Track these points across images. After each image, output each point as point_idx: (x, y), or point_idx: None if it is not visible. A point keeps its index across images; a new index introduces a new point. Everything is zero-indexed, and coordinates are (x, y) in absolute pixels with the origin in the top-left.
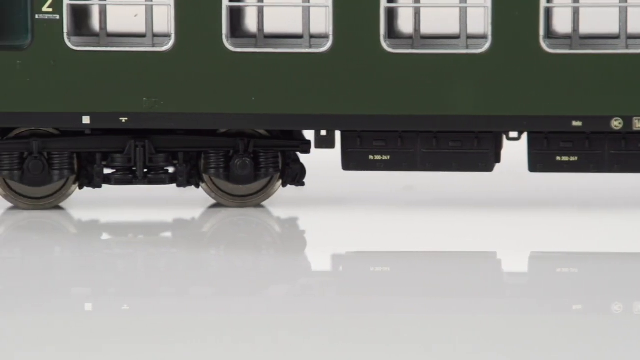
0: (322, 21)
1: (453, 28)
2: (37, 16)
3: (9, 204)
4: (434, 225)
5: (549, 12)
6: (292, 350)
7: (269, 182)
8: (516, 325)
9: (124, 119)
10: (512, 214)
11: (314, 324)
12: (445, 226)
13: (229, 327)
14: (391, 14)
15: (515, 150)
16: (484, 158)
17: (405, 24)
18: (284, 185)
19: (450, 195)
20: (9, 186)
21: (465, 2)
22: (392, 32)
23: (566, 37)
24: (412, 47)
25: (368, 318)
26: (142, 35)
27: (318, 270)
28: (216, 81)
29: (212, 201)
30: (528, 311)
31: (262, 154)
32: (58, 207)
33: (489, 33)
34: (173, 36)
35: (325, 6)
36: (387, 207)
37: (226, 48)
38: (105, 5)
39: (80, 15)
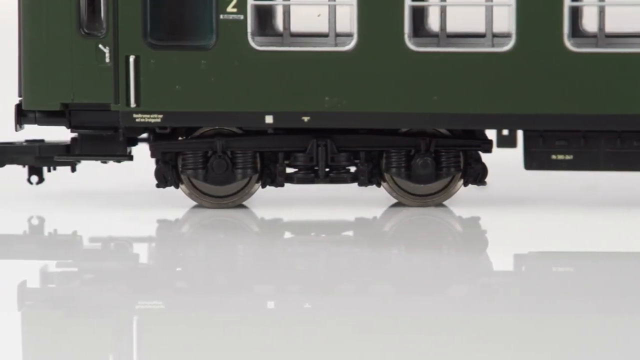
0: (505, 20)
1: (639, 26)
2: (221, 16)
3: (194, 203)
4: (617, 225)
5: None
6: (473, 350)
7: (450, 182)
8: None
9: (306, 119)
10: None
11: (495, 324)
12: (629, 226)
13: (409, 325)
14: (575, 13)
15: None
16: None
17: (589, 23)
18: (465, 184)
19: (634, 196)
20: (193, 185)
21: None
22: (576, 31)
23: None
24: (596, 46)
25: (551, 319)
26: (325, 35)
27: (500, 270)
28: (398, 80)
29: (393, 200)
30: None
31: (443, 153)
32: (241, 206)
33: None
34: (355, 36)
35: (508, 5)
36: (570, 207)
37: (408, 47)
38: (289, 5)
39: (264, 15)
